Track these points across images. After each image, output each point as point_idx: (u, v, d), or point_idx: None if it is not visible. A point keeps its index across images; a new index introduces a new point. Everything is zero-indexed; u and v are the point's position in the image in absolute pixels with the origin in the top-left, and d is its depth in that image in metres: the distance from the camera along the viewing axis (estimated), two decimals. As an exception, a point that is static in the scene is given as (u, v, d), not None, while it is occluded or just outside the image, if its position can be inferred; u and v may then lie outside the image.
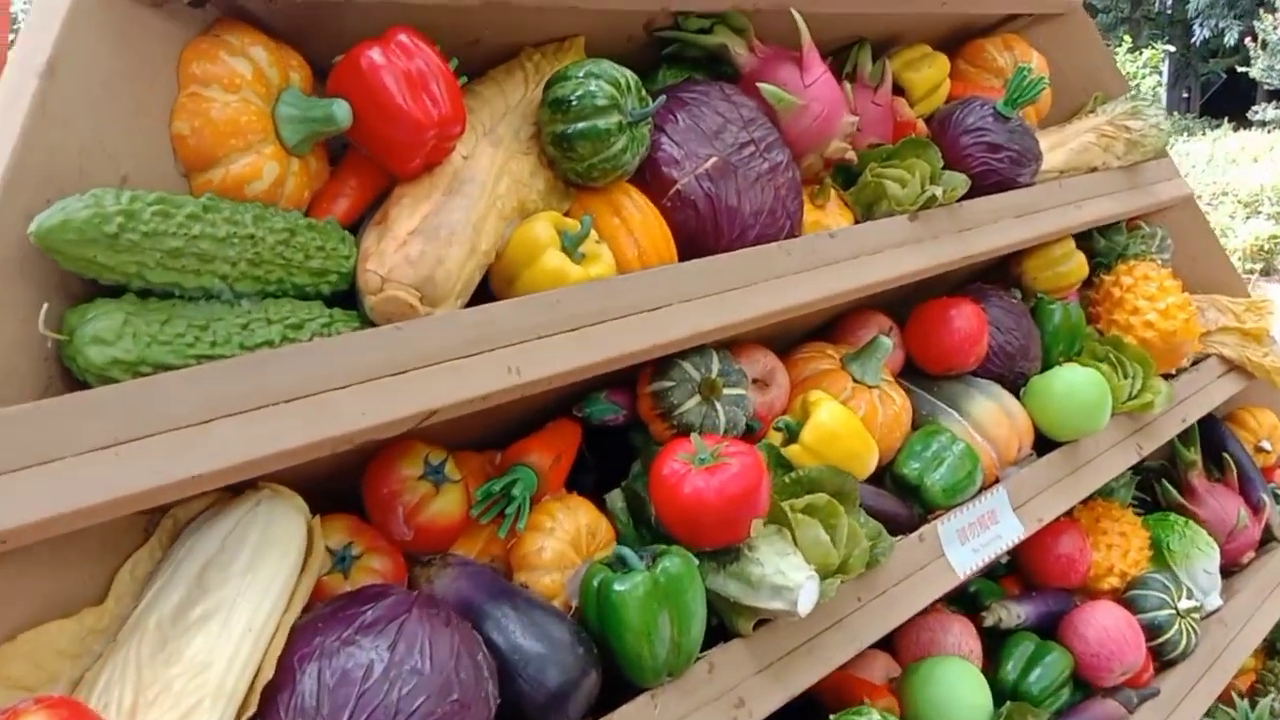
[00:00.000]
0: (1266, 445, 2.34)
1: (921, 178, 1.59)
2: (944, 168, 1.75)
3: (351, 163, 1.11)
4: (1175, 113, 21.28)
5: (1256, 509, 2.19)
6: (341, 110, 1.01)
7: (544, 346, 1.06)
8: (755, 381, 1.45)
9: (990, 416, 1.62)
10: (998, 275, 1.98)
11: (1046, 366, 1.85)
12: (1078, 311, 1.90)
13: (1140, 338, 1.91)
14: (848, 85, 1.63)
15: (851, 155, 1.55)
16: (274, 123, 1.01)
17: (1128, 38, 14.91)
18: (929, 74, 1.81)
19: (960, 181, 1.61)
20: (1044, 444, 1.75)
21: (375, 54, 1.03)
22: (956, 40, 2.01)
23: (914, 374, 1.71)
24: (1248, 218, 8.56)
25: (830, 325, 1.71)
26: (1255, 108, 18.46)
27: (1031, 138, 1.80)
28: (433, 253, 1.02)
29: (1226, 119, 17.87)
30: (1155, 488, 2.20)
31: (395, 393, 0.94)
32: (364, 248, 1.05)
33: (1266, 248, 8.06)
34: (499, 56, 1.31)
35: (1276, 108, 18.80)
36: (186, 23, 0.98)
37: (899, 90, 1.81)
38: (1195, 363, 2.15)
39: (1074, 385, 1.68)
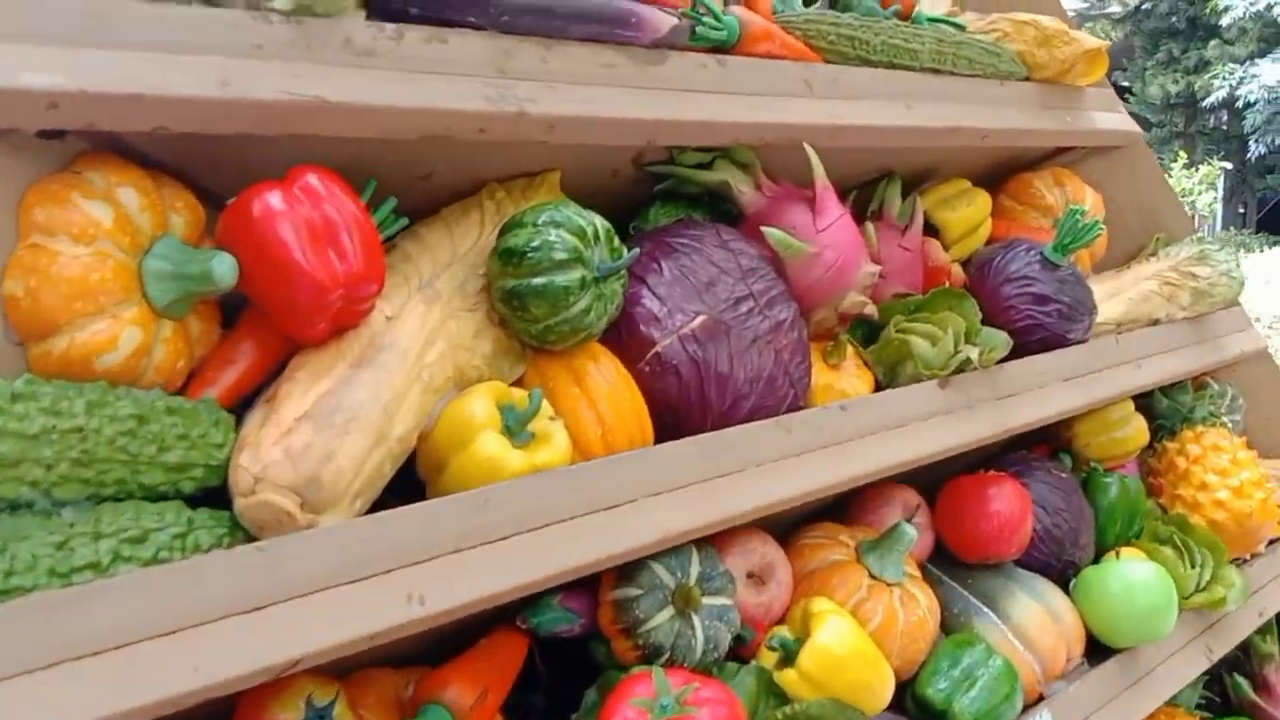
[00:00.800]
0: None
1: (955, 334, 1.37)
2: (983, 321, 1.54)
3: (249, 322, 0.92)
4: (1231, 228, 20.96)
5: (1347, 714, 1.89)
6: (223, 267, 0.82)
7: (463, 564, 0.85)
8: (750, 576, 1.22)
9: (1035, 620, 1.36)
10: (1042, 437, 1.75)
11: (1100, 550, 1.60)
12: (1137, 485, 1.65)
13: (1209, 518, 1.65)
14: (870, 227, 1.44)
15: (871, 310, 1.34)
16: (141, 280, 0.82)
17: (1183, 153, 14.70)
18: (966, 213, 1.60)
19: (1000, 341, 1.39)
20: (1095, 646, 1.49)
21: (272, 199, 0.84)
22: (1000, 173, 1.81)
23: (944, 559, 1.46)
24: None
25: (845, 499, 1.47)
26: (1313, 225, 18.08)
27: (1084, 288, 1.58)
28: (321, 445, 0.82)
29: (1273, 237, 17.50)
30: (1225, 681, 1.91)
31: (247, 637, 0.73)
32: (243, 434, 0.84)
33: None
34: (458, 192, 1.13)
35: (1335, 226, 18.39)
36: (35, 157, 0.81)
37: (931, 231, 1.61)
38: (1272, 543, 1.88)
39: (1133, 584, 1.43)
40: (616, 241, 1.05)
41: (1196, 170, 14.14)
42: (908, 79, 1.42)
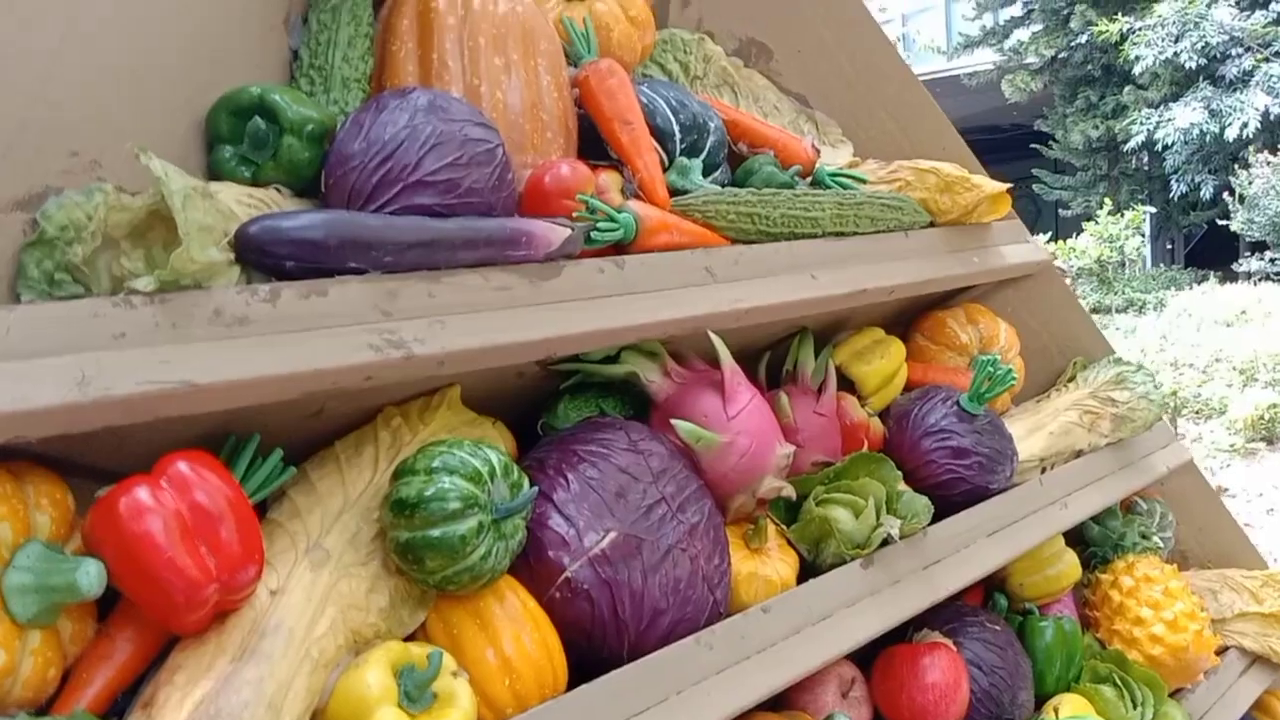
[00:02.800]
0: (1301, 741, 2.04)
1: (877, 504, 1.36)
2: (904, 475, 1.53)
3: (125, 613, 0.87)
4: (1161, 264, 21.50)
5: (1301, 828, 1.88)
6: (88, 578, 0.78)
7: None
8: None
9: (976, 796, 1.33)
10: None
11: (1040, 698, 1.58)
12: (1073, 625, 1.64)
13: (1146, 654, 1.64)
14: (784, 398, 1.43)
15: (789, 492, 1.32)
16: (1, 596, 0.78)
17: (1108, 200, 15.09)
18: (881, 365, 1.60)
19: (921, 507, 1.38)
20: (1044, 803, 1.46)
21: (138, 495, 0.81)
22: (913, 313, 1.82)
23: (883, 729, 1.43)
24: (1244, 385, 8.37)
25: (780, 673, 1.44)
26: (1240, 260, 18.61)
27: (1004, 435, 1.58)
28: (201, 765, 0.77)
29: (1212, 272, 17.99)
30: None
31: None
32: (117, 752, 0.80)
33: (1267, 417, 7.84)
34: (354, 422, 1.10)
35: (1260, 259, 18.96)
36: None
37: (847, 384, 1.60)
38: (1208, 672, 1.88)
39: (1076, 747, 1.41)
40: (516, 474, 1.02)
41: (1122, 216, 14.52)
42: (810, 248, 1.42)
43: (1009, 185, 1.67)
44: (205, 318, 0.87)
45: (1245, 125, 13.40)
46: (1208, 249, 20.92)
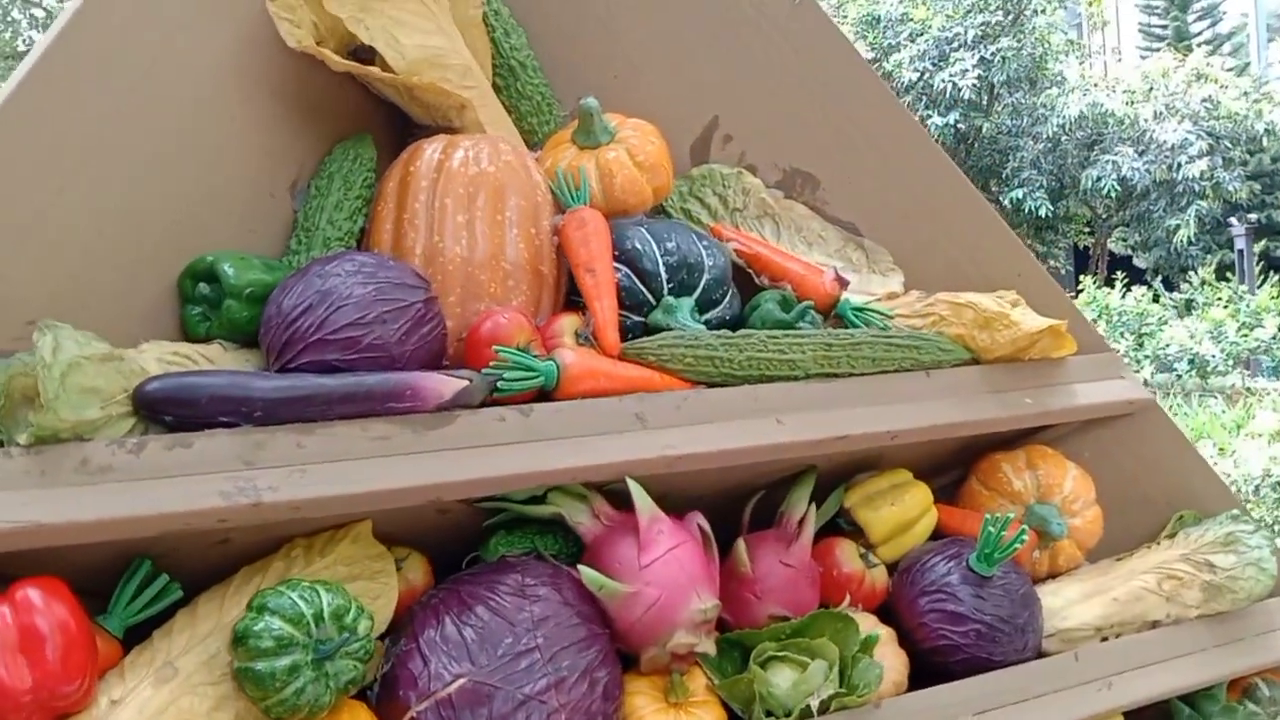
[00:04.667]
0: None
1: (824, 669, 1.29)
2: (903, 634, 1.44)
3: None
4: None
5: None
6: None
7: None
8: None
9: None
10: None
11: None
12: (1111, 827, 1.43)
13: None
14: (741, 546, 1.40)
15: (705, 648, 1.29)
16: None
17: None
18: (890, 513, 1.51)
19: (874, 679, 1.29)
20: None
21: (-19, 615, 0.98)
22: (976, 452, 1.69)
23: None
24: None
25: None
26: None
27: (1023, 601, 1.43)
28: None
29: None
30: None
31: None
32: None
33: None
34: (263, 550, 1.23)
35: None
36: None
37: (859, 531, 1.53)
38: None
39: None
40: (352, 616, 1.10)
41: None
42: (778, 391, 1.39)
43: (1060, 321, 1.53)
44: (72, 466, 1.04)
45: None
46: None
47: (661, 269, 1.45)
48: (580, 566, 1.26)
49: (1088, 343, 1.65)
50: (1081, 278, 15.34)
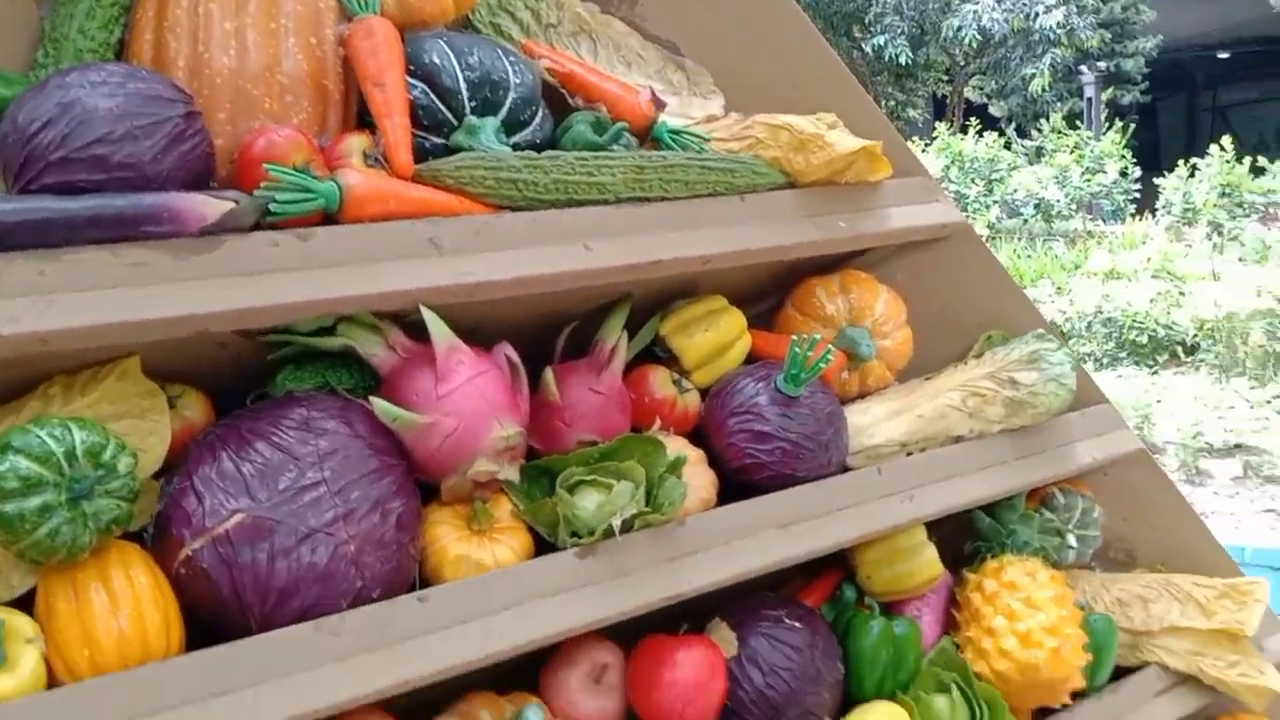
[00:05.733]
0: (1257, 773, 1.79)
1: (629, 490, 1.29)
2: (713, 456, 1.44)
3: None
4: None
5: None
6: None
7: None
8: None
9: (701, 804, 1.26)
10: (838, 561, 1.61)
11: (857, 701, 1.47)
12: (909, 628, 1.50)
13: (993, 669, 1.48)
14: (549, 375, 1.37)
15: (508, 474, 1.26)
16: None
17: None
18: (704, 339, 1.49)
19: (679, 498, 1.29)
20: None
21: None
22: (794, 279, 1.68)
23: (646, 721, 1.37)
24: None
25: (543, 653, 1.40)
26: None
27: (830, 420, 1.45)
28: None
29: None
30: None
31: None
32: None
33: None
34: (28, 385, 1.14)
35: None
36: None
37: (674, 358, 1.51)
38: (1126, 673, 1.67)
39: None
40: (111, 454, 1.03)
41: None
42: (587, 216, 1.34)
43: (874, 142, 1.51)
44: None
45: None
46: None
47: (462, 86, 1.36)
48: (372, 398, 1.21)
49: (905, 167, 1.64)
50: (937, 125, 15.64)
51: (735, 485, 1.44)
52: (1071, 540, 1.70)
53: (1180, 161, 13.64)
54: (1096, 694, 1.62)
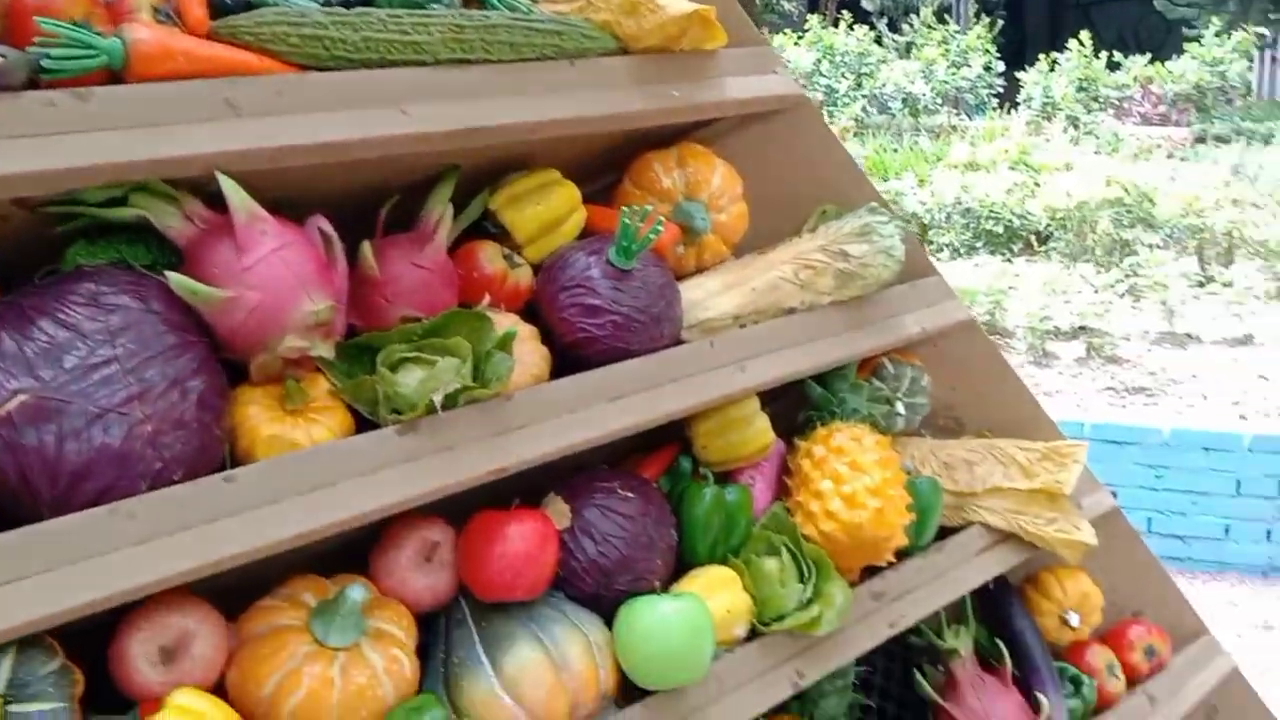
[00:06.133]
0: (1073, 619, 1.92)
1: (454, 365, 1.26)
2: (545, 336, 1.42)
3: None
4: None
5: (1036, 710, 1.78)
6: None
7: None
8: (163, 651, 1.14)
9: (531, 671, 1.27)
10: (677, 435, 1.63)
11: (691, 566, 1.50)
12: (741, 494, 1.53)
13: (819, 530, 1.53)
14: (367, 247, 1.31)
15: (322, 351, 1.22)
16: None
17: (1216, 19, 13.81)
18: (535, 213, 1.46)
19: (505, 372, 1.27)
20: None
21: None
22: (632, 153, 1.65)
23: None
24: None
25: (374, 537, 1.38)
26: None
27: (662, 293, 1.44)
28: None
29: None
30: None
31: None
32: None
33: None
34: None
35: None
36: None
37: (506, 233, 1.47)
38: (951, 533, 1.75)
39: (654, 622, 1.32)
40: None
41: (1229, 37, 13.31)
42: (403, 78, 1.27)
43: (707, 7, 1.47)
44: None
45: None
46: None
47: (262, -65, 1.26)
48: (167, 272, 1.14)
49: (742, 37, 1.61)
50: (810, 17, 15.59)
51: (569, 360, 1.43)
52: (900, 408, 1.75)
53: (1041, 57, 13.98)
54: (922, 553, 1.69)
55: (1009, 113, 13.46)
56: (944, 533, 1.76)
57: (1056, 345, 6.55)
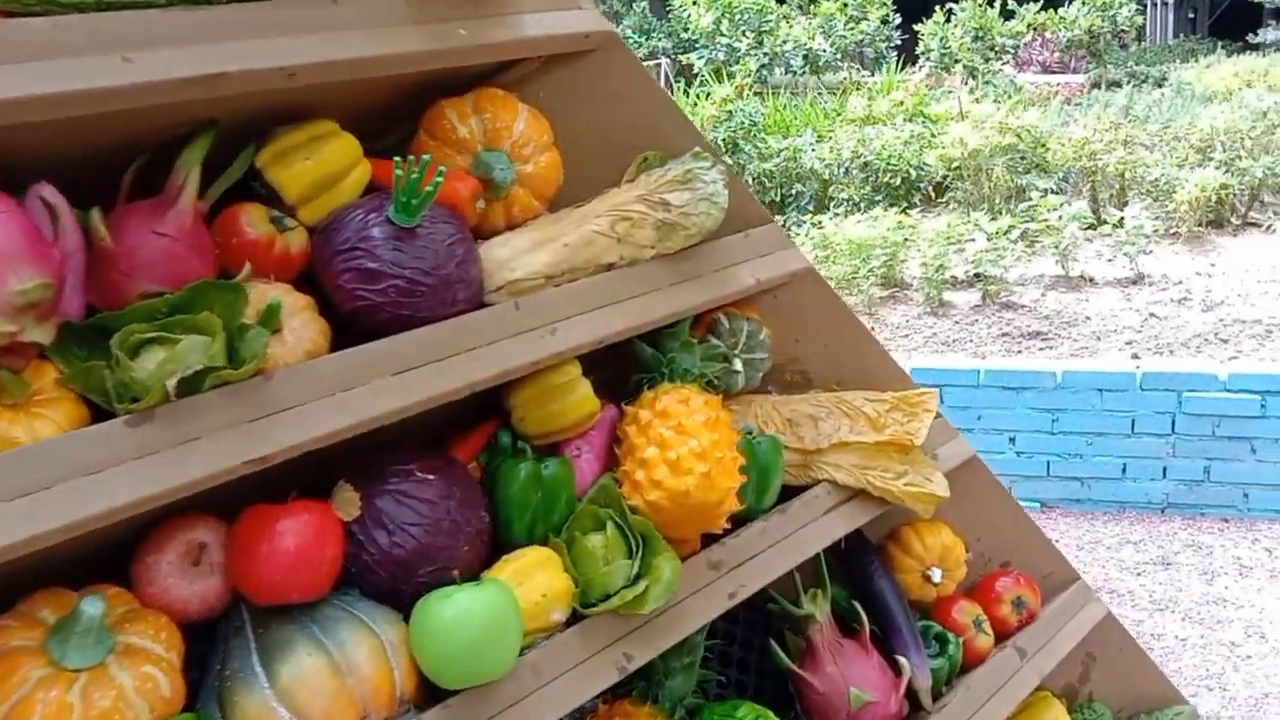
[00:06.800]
0: (935, 575, 1.86)
1: (200, 344, 1.12)
2: (323, 306, 1.29)
3: None
4: (1181, 35, 20.31)
5: (899, 673, 1.71)
6: None
7: None
8: None
9: (310, 679, 1.14)
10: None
11: (511, 546, 1.38)
12: (560, 467, 1.42)
13: (645, 500, 1.42)
14: (95, 215, 1.16)
15: (38, 336, 1.07)
16: None
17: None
18: (306, 168, 1.31)
19: (260, 349, 1.13)
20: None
21: None
22: (429, 100, 1.51)
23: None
24: (1196, 165, 7.88)
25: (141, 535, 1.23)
26: (1259, 31, 17.42)
27: (448, 253, 1.31)
28: None
29: (1221, 43, 16.89)
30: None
31: None
32: None
33: (1215, 199, 7.42)
34: None
35: (1277, 29, 17.71)
36: None
37: (277, 194, 1.32)
38: (797, 492, 1.66)
39: (448, 617, 1.20)
40: None
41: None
42: (124, 22, 1.12)
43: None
44: None
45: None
46: (1236, 20, 19.61)
47: None
48: None
49: (542, -28, 1.48)
50: (708, -25, 15.42)
51: (356, 332, 1.29)
52: (738, 365, 1.65)
53: (937, 8, 14.05)
54: (764, 516, 1.59)
55: (906, 67, 13.51)
56: (791, 493, 1.67)
57: (953, 295, 6.57)
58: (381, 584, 1.26)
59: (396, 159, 1.26)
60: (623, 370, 1.62)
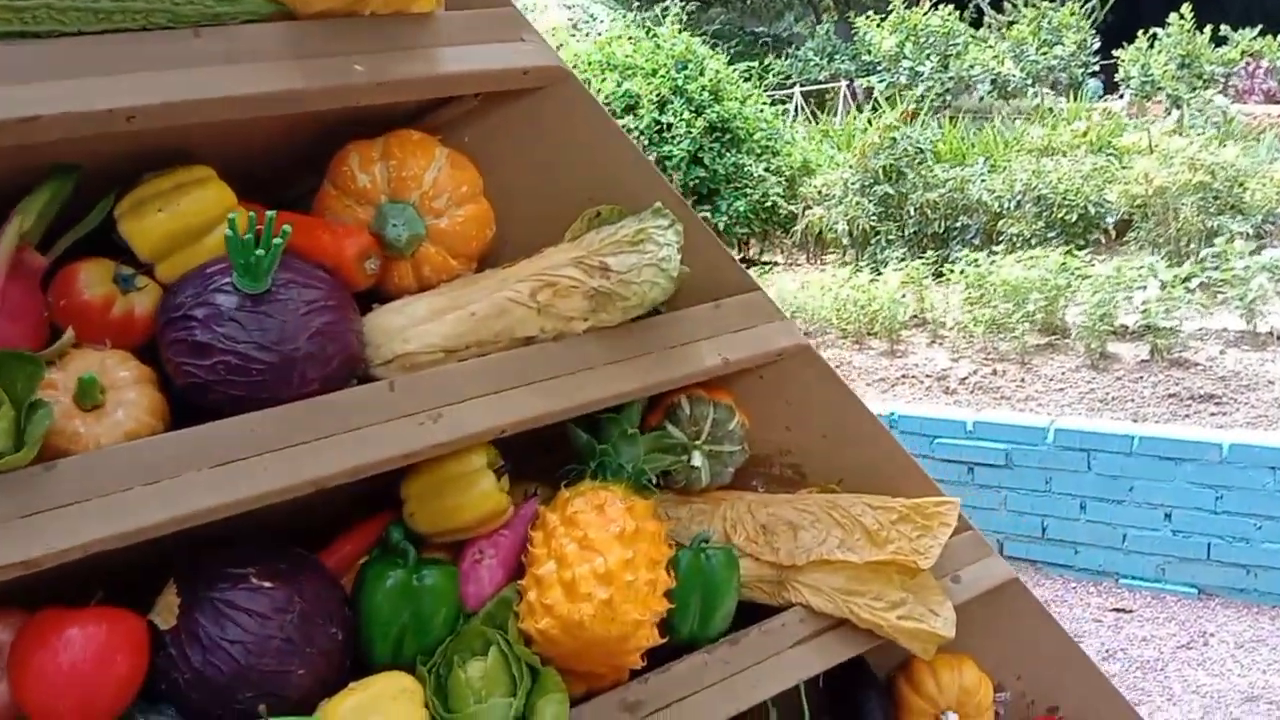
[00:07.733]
0: (951, 718, 1.53)
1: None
2: (164, 382, 1.13)
3: None
4: None
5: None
6: None
7: None
8: None
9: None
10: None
11: (373, 669, 1.18)
12: (438, 579, 1.21)
13: (535, 627, 1.18)
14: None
15: None
16: None
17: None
18: (156, 221, 1.15)
19: (42, 430, 0.97)
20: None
21: None
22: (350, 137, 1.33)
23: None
24: None
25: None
26: None
27: (300, 325, 1.12)
28: None
29: None
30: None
31: None
32: None
33: None
34: None
35: None
36: None
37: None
38: (770, 615, 1.39)
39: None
40: None
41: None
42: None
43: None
44: None
45: None
46: None
47: None
48: None
49: (475, -1, 1.29)
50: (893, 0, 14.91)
51: (201, 411, 1.13)
52: (697, 459, 1.40)
53: (1140, 33, 13.04)
54: (709, 647, 1.33)
55: (1107, 95, 12.59)
56: (758, 616, 1.39)
57: (1118, 346, 5.94)
58: (193, 707, 1.08)
59: (231, 216, 1.09)
60: (567, 459, 1.39)
